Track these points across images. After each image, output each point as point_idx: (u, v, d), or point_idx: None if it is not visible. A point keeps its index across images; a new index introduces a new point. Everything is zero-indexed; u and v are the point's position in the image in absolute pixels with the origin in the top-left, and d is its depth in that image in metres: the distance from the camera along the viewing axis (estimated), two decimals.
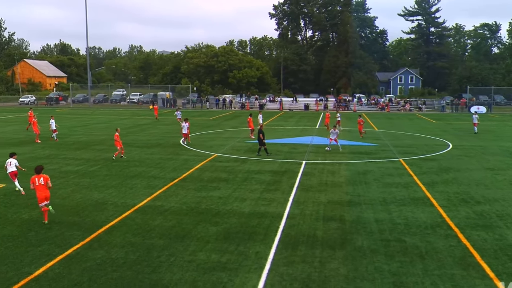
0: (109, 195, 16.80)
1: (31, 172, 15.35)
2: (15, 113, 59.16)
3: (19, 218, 14.08)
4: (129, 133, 36.33)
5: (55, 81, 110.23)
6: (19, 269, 10.32)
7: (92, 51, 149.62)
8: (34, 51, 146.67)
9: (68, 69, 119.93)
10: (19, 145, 29.35)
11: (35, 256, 11.10)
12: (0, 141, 31.14)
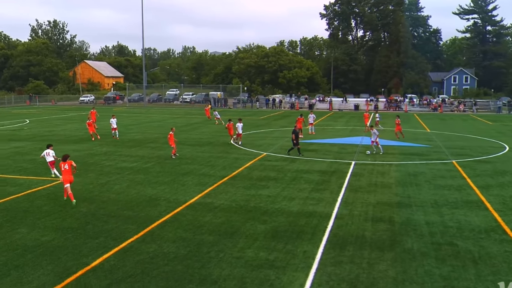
0: (162, 191, 17.21)
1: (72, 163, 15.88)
2: (75, 111, 61.64)
3: (78, 211, 14.67)
4: (181, 131, 37.06)
5: (112, 81, 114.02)
6: (77, 259, 10.76)
7: (147, 52, 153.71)
8: (94, 53, 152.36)
9: (125, 70, 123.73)
10: (78, 142, 30.56)
11: (93, 247, 11.53)
12: (61, 138, 32.55)
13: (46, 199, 16.05)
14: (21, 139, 31.63)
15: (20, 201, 15.86)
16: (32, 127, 40.34)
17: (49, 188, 17.71)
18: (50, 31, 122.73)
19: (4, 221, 13.65)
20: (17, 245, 11.71)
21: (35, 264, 10.51)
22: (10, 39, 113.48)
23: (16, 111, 62.41)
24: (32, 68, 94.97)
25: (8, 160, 23.36)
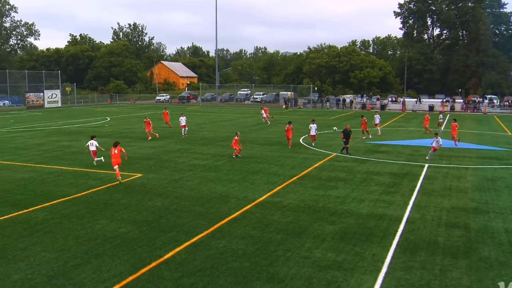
0: (232, 189, 17.49)
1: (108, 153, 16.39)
2: (152, 110, 64.06)
3: (153, 206, 15.26)
4: (252, 130, 37.46)
5: (187, 81, 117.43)
6: (151, 252, 11.20)
7: (220, 53, 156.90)
8: (170, 54, 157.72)
9: (198, 70, 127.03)
10: (154, 139, 31.75)
11: (165, 241, 11.95)
12: (138, 135, 33.97)
13: (124, 193, 16.84)
14: (102, 135, 33.35)
15: (101, 194, 16.75)
16: (112, 124, 42.46)
17: (126, 182, 18.56)
18: (130, 34, 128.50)
19: (86, 212, 14.48)
20: (97, 235, 12.38)
21: (113, 254, 11.06)
22: (94, 41, 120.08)
23: (98, 109, 65.99)
24: (113, 69, 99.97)
25: (90, 155, 24.70)
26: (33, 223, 13.41)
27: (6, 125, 42.05)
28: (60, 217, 13.97)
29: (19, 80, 74.22)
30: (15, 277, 9.79)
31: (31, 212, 14.42)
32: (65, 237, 12.19)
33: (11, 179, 19.17)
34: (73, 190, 17.15)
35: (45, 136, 33.25)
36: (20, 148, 27.49)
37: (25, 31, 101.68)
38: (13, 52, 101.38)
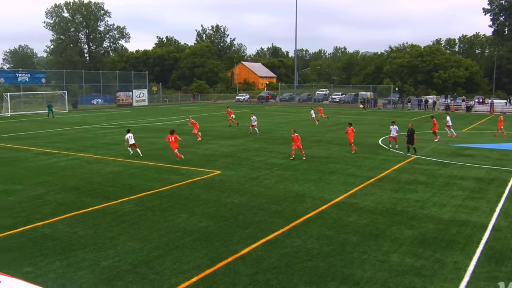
0: (308, 189, 17.41)
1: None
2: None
3: (231, 202, 15.58)
4: (329, 131, 37.06)
5: (266, 81, 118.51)
6: (228, 247, 11.44)
7: (299, 53, 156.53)
8: (250, 54, 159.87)
9: (277, 70, 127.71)
10: (233, 137, 32.40)
11: (242, 237, 12.15)
12: (218, 133, 34.82)
13: (204, 189, 17.34)
14: (184, 133, 34.54)
15: (182, 189, 17.38)
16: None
17: (206, 179, 19.10)
18: (213, 35, 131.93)
19: (169, 206, 15.09)
20: (178, 228, 12.86)
21: (192, 247, 11.44)
22: (179, 43, 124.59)
23: (182, 108, 68.45)
24: (196, 69, 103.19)
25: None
26: (120, 214, 14.20)
27: (98, 121, 44.85)
28: (145, 209, 14.68)
29: (111, 80, 78.83)
30: (104, 263, 10.42)
31: (119, 204, 15.28)
32: (148, 229, 12.78)
33: (103, 172, 20.43)
34: (157, 184, 17.94)
35: (133, 132, 35.01)
36: (110, 144, 29.21)
37: (117, 35, 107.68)
38: (106, 54, 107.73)
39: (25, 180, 18.86)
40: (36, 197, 16.13)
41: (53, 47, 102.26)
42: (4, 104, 55.29)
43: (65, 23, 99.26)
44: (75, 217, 13.82)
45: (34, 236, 12.19)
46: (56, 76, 74.90)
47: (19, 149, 26.94)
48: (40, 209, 14.73)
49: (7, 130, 37.07)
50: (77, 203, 15.42)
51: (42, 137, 32.97)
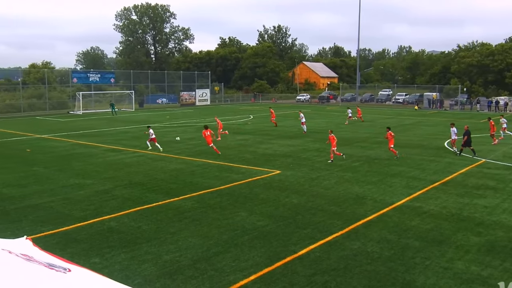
0: (369, 191, 17.06)
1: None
2: (292, 109, 65.27)
3: (289, 202, 15.56)
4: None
5: (327, 81, 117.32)
6: (286, 247, 11.44)
7: (362, 53, 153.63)
8: (312, 54, 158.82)
9: (339, 70, 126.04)
10: (293, 137, 32.34)
11: (300, 237, 12.11)
12: (278, 133, 34.87)
13: (263, 188, 17.44)
14: (245, 132, 34.94)
15: (242, 187, 17.57)
16: (254, 122, 44.19)
17: (265, 178, 19.19)
18: (274, 36, 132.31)
19: (228, 203, 15.31)
20: (237, 226, 13.02)
21: (251, 245, 11.54)
22: (241, 43, 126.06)
23: (243, 107, 69.20)
24: (257, 69, 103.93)
25: (234, 151, 26.07)
26: (182, 210, 14.58)
27: (163, 120, 46.27)
28: (205, 206, 14.98)
29: (175, 80, 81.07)
30: (166, 257, 10.74)
31: (181, 200, 15.68)
32: (209, 226, 13.03)
33: (166, 169, 21.06)
34: (217, 183, 18.25)
35: (195, 132, 35.85)
36: (173, 142, 30.05)
37: (182, 36, 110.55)
38: (171, 54, 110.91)
39: (94, 175, 19.82)
40: (104, 192, 16.90)
41: (122, 49, 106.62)
42: (76, 103, 58.43)
43: (133, 25, 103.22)
44: (140, 212, 14.35)
45: (101, 229, 12.78)
46: (124, 76, 78.10)
47: (89, 146, 28.33)
48: (108, 203, 15.42)
49: (79, 128, 39.10)
50: (141, 198, 16.00)
51: (110, 134, 34.48)
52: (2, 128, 38.50)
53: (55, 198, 16.00)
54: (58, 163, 22.72)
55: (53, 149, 27.08)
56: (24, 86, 61.77)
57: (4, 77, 77.13)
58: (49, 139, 31.96)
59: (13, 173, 20.18)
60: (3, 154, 25.44)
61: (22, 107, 56.79)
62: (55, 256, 4.22)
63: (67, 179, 18.99)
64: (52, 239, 11.94)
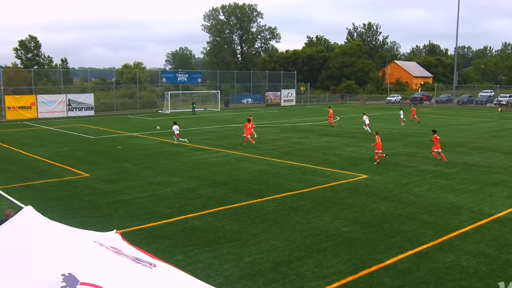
0: (465, 200, 16.15)
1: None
2: (381, 111, 63.53)
3: (377, 208, 15.16)
4: (492, 136, 33.90)
5: (420, 81, 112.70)
6: (372, 255, 11.15)
7: (460, 51, 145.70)
8: (404, 53, 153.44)
9: (434, 70, 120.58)
10: (382, 140, 31.41)
11: (388, 246, 11.74)
12: (365, 136, 34.07)
13: (348, 193, 17.14)
14: (330, 134, 34.55)
15: (326, 191, 17.40)
16: (341, 124, 43.56)
17: (351, 182, 18.85)
18: (364, 33, 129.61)
19: (312, 207, 15.24)
20: (321, 231, 12.91)
21: (334, 251, 11.39)
22: (329, 42, 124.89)
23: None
24: (345, 69, 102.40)
25: (318, 153, 25.90)
26: (265, 212, 14.74)
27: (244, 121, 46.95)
28: (288, 209, 15.02)
29: (261, 79, 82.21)
30: (247, 259, 10.92)
31: (264, 202, 15.86)
32: (291, 229, 13.05)
33: (250, 170, 21.42)
34: (301, 185, 18.23)
35: (279, 132, 36.10)
36: (258, 142, 30.46)
37: (268, 35, 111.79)
38: (257, 54, 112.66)
39: (180, 173, 20.65)
40: (189, 190, 17.55)
41: (209, 49, 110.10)
42: (165, 102, 61.33)
43: (220, 25, 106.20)
44: (223, 212, 14.71)
45: (186, 227, 13.28)
46: (210, 76, 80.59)
47: (176, 144, 29.55)
48: (192, 201, 16.00)
49: (167, 127, 40.92)
50: (225, 198, 16.40)
51: (196, 133, 35.72)
52: (97, 125, 41.34)
53: (143, 195, 16.89)
54: (146, 160, 23.96)
55: (142, 147, 28.60)
56: (117, 86, 66.06)
57: (100, 77, 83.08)
58: (138, 137, 33.81)
59: (106, 169, 21.60)
60: (97, 151, 27.31)
61: (115, 105, 60.66)
62: (141, 251, 4.46)
63: (154, 177, 19.96)
64: (139, 234, 12.62)
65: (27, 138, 33.32)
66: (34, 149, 27.43)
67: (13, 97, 50.05)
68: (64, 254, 3.59)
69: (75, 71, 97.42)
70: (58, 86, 61.19)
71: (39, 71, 66.37)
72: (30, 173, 20.90)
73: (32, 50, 71.37)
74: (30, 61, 70.61)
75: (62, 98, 52.87)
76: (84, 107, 54.15)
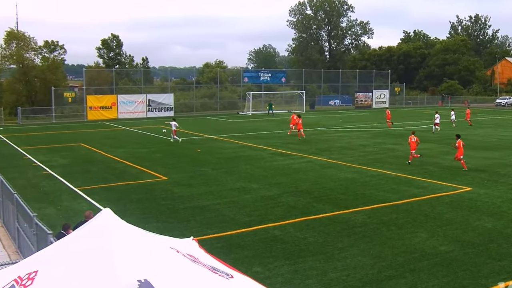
0: None
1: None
2: (489, 115, 60.21)
3: (481, 226, 14.38)
4: None
5: None
6: (475, 279, 10.59)
7: None
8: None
9: None
10: (488, 149, 29.85)
11: (494, 270, 11.10)
12: (469, 143, 32.39)
13: (448, 207, 16.42)
14: (428, 140, 33.25)
15: (422, 204, 16.79)
16: (441, 128, 41.82)
17: (452, 195, 18.04)
18: (470, 27, 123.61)
19: (405, 222, 14.77)
20: (415, 248, 12.47)
21: (430, 272, 10.95)
22: (429, 38, 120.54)
23: (427, 111, 66.08)
24: (447, 67, 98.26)
25: (414, 161, 24.99)
26: (351, 224, 14.51)
27: (335, 124, 46.67)
28: (378, 223, 14.67)
29: (350, 79, 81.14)
30: (332, 275, 10.80)
31: (351, 214, 15.61)
32: (381, 245, 12.73)
33: (336, 178, 21.20)
34: (393, 196, 17.74)
35: (370, 138, 35.37)
36: (345, 148, 30.08)
37: (360, 31, 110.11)
38: (346, 51, 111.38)
39: (261, 179, 20.88)
40: (270, 198, 17.70)
41: (294, 46, 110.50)
42: (246, 103, 62.40)
43: (307, 20, 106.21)
44: (306, 222, 14.67)
45: (265, 237, 13.40)
46: (295, 75, 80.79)
47: (257, 148, 29.95)
48: (273, 210, 16.11)
49: (248, 129, 41.63)
50: (308, 208, 16.35)
51: (278, 137, 35.97)
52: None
53: (221, 201, 17.28)
54: (225, 164, 24.50)
55: (222, 150, 29.28)
56: (197, 86, 68.28)
57: (180, 77, 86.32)
58: (218, 139, 34.67)
59: (184, 173, 22.36)
60: (176, 153, 28.37)
61: (195, 106, 62.70)
62: (218, 260, 4.56)
63: (234, 182, 20.35)
64: (216, 242, 12.92)
65: (107, 138, 35.40)
66: (113, 150, 29.06)
67: (95, 97, 53.49)
68: (141, 260, 3.77)
69: (155, 70, 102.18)
70: (139, 86, 64.52)
71: (120, 71, 70.27)
72: (109, 175, 22.16)
73: (114, 49, 75.92)
74: (111, 60, 75.12)
75: (142, 98, 55.65)
76: (163, 107, 56.57)
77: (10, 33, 57.31)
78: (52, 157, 26.77)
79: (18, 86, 57.49)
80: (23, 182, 20.31)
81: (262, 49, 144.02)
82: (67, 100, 54.13)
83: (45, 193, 18.67)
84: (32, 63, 58.89)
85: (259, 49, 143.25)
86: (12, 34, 57.23)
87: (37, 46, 59.58)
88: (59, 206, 16.77)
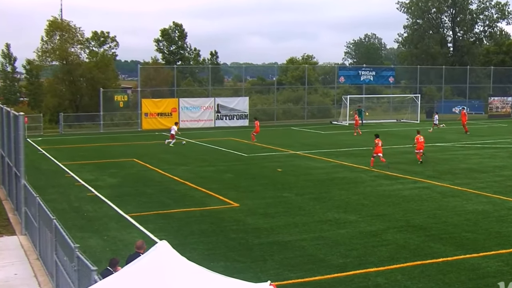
0: None
1: None
2: None
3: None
4: None
5: None
6: None
7: None
8: None
9: None
10: None
11: None
12: None
13: None
14: None
15: None
16: None
17: None
18: None
19: None
20: None
21: None
22: None
23: None
24: None
25: None
26: (482, 273, 14.03)
27: (460, 138, 45.12)
28: None
29: (481, 79, 78.42)
30: None
31: (481, 258, 15.07)
32: None
33: (461, 210, 20.57)
34: None
35: (509, 157, 34.01)
36: (474, 170, 29.08)
37: (495, 14, 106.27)
38: (477, 42, 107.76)
39: (360, 209, 20.64)
40: (372, 234, 17.43)
41: (407, 36, 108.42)
42: (342, 110, 61.12)
43: (424, 2, 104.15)
44: (420, 268, 14.32)
45: (365, 285, 13.21)
46: (407, 74, 79.27)
47: (356, 169, 29.64)
48: (376, 250, 15.84)
49: (344, 143, 41.25)
50: (423, 248, 15.95)
51: (384, 154, 35.34)
52: (252, 139, 43.15)
53: (308, 236, 17.22)
54: (314, 189, 24.43)
55: (309, 171, 29.24)
56: (279, 87, 67.54)
57: (257, 76, 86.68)
58: (304, 156, 34.63)
59: (260, 199, 22.53)
60: (250, 173, 28.65)
61: (276, 113, 62.17)
62: None
63: (324, 212, 20.25)
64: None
65: (166, 153, 36.35)
66: (173, 168, 29.81)
67: (152, 100, 54.57)
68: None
69: (227, 67, 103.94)
70: (205, 88, 64.76)
71: (182, 68, 71.67)
72: (167, 198, 22.76)
73: (176, 41, 77.41)
74: (173, 55, 76.64)
75: (210, 102, 56.11)
76: (236, 114, 56.97)
77: (53, 22, 59.71)
78: (99, 175, 27.90)
79: (61, 88, 59.80)
80: (63, 205, 21.31)
81: (364, 40, 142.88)
82: (118, 105, 55.75)
83: (89, 220, 19.46)
84: (78, 59, 60.65)
85: (359, 40, 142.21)
86: (55, 24, 59.58)
87: (84, 39, 61.37)
88: (105, 236, 17.42)
